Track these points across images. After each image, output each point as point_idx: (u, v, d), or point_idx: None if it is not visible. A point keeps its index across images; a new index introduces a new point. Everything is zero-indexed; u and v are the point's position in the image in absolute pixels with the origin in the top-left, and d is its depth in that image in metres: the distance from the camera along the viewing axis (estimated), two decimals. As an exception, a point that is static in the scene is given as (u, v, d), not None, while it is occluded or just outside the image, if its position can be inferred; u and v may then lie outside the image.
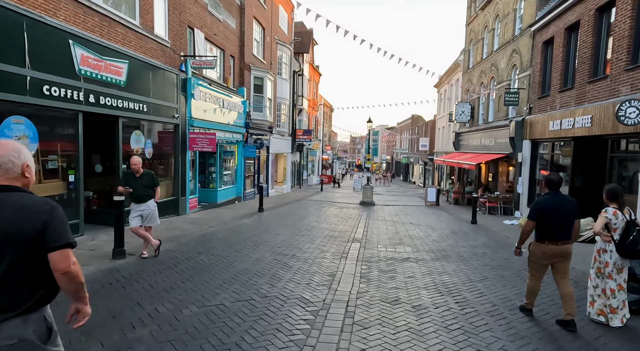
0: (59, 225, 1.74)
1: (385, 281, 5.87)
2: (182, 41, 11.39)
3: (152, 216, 6.35)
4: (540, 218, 4.26)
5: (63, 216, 1.79)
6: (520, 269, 6.72)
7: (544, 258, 4.34)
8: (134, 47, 8.95)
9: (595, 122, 10.15)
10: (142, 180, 6.21)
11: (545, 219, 4.23)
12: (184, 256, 6.68)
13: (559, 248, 4.24)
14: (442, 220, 13.59)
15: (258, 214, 13.15)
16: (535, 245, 4.38)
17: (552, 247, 4.25)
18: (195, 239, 8.30)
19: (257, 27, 18.84)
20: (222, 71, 15.17)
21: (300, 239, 8.82)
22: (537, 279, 4.47)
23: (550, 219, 4.21)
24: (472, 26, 22.47)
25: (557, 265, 4.33)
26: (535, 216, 4.31)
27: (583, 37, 11.14)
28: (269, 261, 6.73)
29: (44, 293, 1.78)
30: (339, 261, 7.00)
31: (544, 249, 4.29)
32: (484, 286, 5.71)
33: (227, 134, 14.87)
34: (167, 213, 10.82)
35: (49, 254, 1.72)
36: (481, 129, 19.55)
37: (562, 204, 4.25)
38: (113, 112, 8.27)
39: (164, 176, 11.06)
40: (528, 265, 4.57)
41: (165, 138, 11.06)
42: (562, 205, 4.24)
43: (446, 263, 7.12)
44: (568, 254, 4.29)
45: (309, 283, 5.57)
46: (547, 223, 4.22)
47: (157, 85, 9.96)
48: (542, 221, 4.25)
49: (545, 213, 4.23)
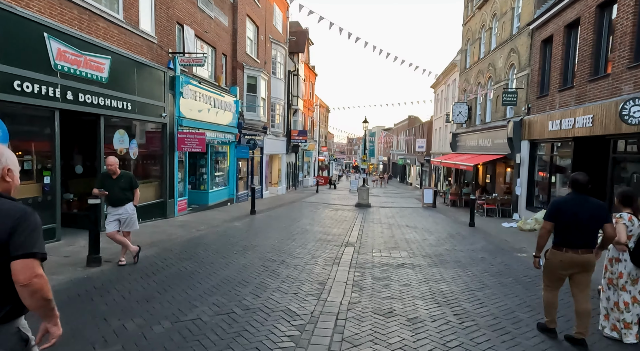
0: (25, 232, 1.62)
1: (379, 289, 5.49)
2: (170, 38, 10.99)
3: (130, 221, 5.94)
4: (557, 218, 3.78)
5: (34, 224, 1.66)
6: (521, 276, 6.36)
7: (561, 268, 3.85)
8: (117, 43, 8.54)
9: (596, 122, 9.84)
10: (119, 182, 5.80)
11: (562, 220, 3.74)
12: (165, 263, 6.27)
13: (579, 257, 3.72)
14: (439, 223, 13.24)
15: (250, 216, 12.75)
16: (552, 252, 3.89)
17: (571, 255, 3.74)
18: (180, 244, 7.89)
19: (251, 25, 18.46)
20: (213, 70, 14.77)
21: (291, 244, 8.43)
22: (553, 290, 3.98)
23: (567, 221, 3.72)
24: (469, 25, 22.20)
25: (576, 277, 3.83)
26: (550, 215, 3.83)
27: (583, 35, 10.83)
28: (256, 267, 6.33)
29: (16, 303, 1.65)
30: (330, 267, 6.62)
31: (562, 258, 3.79)
32: (484, 295, 5.34)
33: (218, 134, 14.46)
34: (153, 216, 10.40)
35: (11, 263, 1.59)
36: (478, 129, 19.24)
37: (584, 206, 3.72)
38: (94, 110, 7.85)
39: (151, 177, 10.64)
40: (543, 274, 4.09)
41: (152, 138, 10.64)
42: (583, 207, 3.72)
43: (443, 269, 6.76)
44: (590, 264, 3.76)
45: (296, 292, 5.18)
46: (565, 225, 3.74)
47: (143, 82, 9.55)
48: (559, 223, 3.78)
49: (562, 213, 3.75)
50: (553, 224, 3.81)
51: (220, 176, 15.94)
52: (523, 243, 9.43)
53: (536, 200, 14.06)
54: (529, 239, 10.11)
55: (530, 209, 13.81)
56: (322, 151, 47.83)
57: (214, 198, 14.75)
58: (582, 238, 3.74)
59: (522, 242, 9.61)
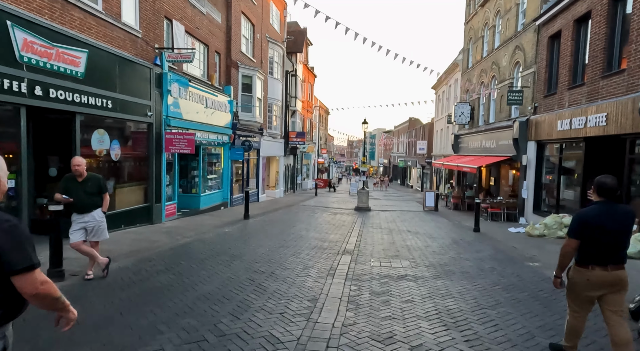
0: (17, 246, 1.62)
1: (378, 307, 4.84)
2: (156, 32, 10.38)
3: (98, 230, 5.30)
4: (584, 234, 3.20)
5: (22, 235, 1.66)
6: (537, 290, 5.70)
7: (589, 289, 3.25)
8: (95, 35, 7.93)
9: (611, 120, 9.20)
10: (85, 186, 5.16)
11: (591, 236, 3.17)
12: (139, 277, 5.62)
13: (608, 274, 3.16)
14: (441, 228, 12.57)
15: (243, 221, 12.10)
16: (577, 271, 3.30)
17: (599, 273, 3.18)
18: (161, 253, 7.24)
19: (246, 23, 17.87)
20: (206, 68, 14.17)
21: (283, 252, 7.78)
22: (581, 316, 3.38)
23: (597, 236, 3.16)
24: (471, 24, 21.61)
25: (606, 297, 3.23)
26: (575, 232, 3.24)
27: (595, 29, 10.21)
28: (241, 281, 5.68)
29: (7, 310, 1.70)
30: (324, 280, 5.97)
31: (589, 276, 3.21)
32: (498, 314, 4.68)
33: (211, 135, 13.84)
34: (138, 221, 9.76)
35: (12, 279, 1.62)
36: (482, 130, 18.60)
37: (615, 217, 3.17)
38: (68, 107, 7.23)
39: (136, 180, 10.00)
40: (567, 296, 3.47)
41: (138, 139, 10.01)
42: (612, 217, 3.16)
43: (449, 281, 6.10)
44: (622, 282, 3.19)
45: (283, 312, 4.53)
46: (594, 241, 3.17)
47: (125, 79, 8.93)
48: (586, 238, 3.20)
49: (588, 227, 3.18)
50: (579, 241, 3.23)
51: (214, 179, 15.30)
52: (533, 251, 8.77)
53: (543, 204, 13.40)
54: (539, 246, 9.45)
55: (537, 213, 13.15)
56: (321, 154, 47.20)
57: (207, 202, 14.10)
58: (611, 252, 3.18)
59: (532, 249, 8.94)
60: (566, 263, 3.34)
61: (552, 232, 10.63)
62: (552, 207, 12.53)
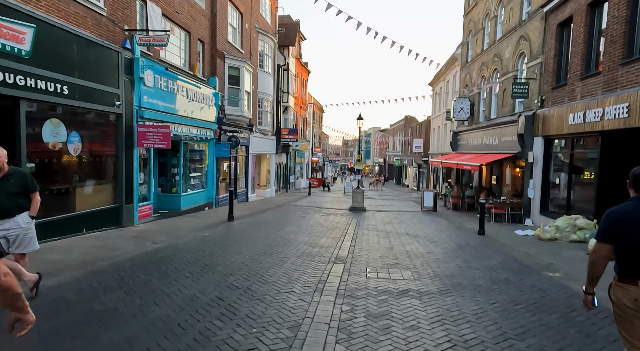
0: None
1: (375, 337, 3.81)
2: (126, 12, 9.25)
3: (24, 239, 4.20)
4: (620, 237, 2.43)
5: None
6: (568, 311, 4.69)
7: (638, 309, 2.40)
8: (45, 9, 6.80)
9: (633, 111, 8.24)
10: (6, 184, 4.06)
11: (630, 240, 2.41)
12: (79, 297, 4.53)
13: None
14: (443, 230, 11.58)
15: (226, 224, 11.03)
16: (620, 288, 2.49)
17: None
18: (119, 264, 6.14)
19: (234, 11, 16.76)
20: (187, 57, 13.05)
21: (266, 261, 6.73)
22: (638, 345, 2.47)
23: (636, 239, 2.40)
24: (471, 16, 20.65)
25: None
26: (606, 234, 2.49)
27: (613, 12, 9.25)
28: (207, 301, 4.62)
29: None
30: (310, 297, 4.93)
31: (636, 295, 2.39)
32: (528, 348, 3.66)
33: (193, 129, 12.72)
34: (104, 224, 8.65)
35: None
36: (483, 127, 17.65)
37: None
38: (9, 91, 6.11)
39: (101, 178, 8.88)
40: (616, 321, 2.61)
41: (104, 131, 8.90)
42: None
43: (460, 298, 5.08)
44: None
45: (252, 348, 3.48)
46: (634, 246, 2.39)
47: (86, 63, 7.81)
48: (623, 243, 2.43)
49: (625, 228, 2.41)
50: (612, 247, 2.49)
51: (197, 177, 14.20)
52: (549, 258, 7.78)
53: (551, 204, 12.45)
54: (553, 251, 8.48)
55: (544, 214, 12.20)
56: (315, 152, 46.14)
57: (188, 202, 12.99)
58: None
59: (548, 256, 7.96)
60: (596, 274, 2.61)
61: (565, 235, 9.67)
62: (562, 208, 11.58)
